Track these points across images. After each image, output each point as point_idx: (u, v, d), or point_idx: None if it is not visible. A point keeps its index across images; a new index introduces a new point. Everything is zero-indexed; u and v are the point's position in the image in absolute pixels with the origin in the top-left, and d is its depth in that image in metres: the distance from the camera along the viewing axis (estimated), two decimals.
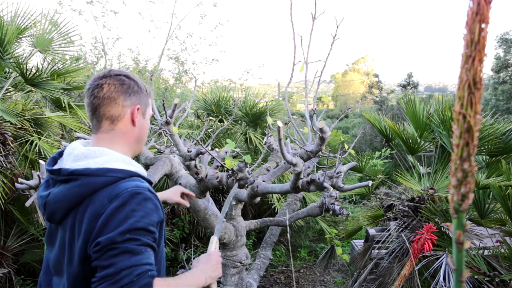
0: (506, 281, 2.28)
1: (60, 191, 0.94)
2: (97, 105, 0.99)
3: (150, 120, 1.20)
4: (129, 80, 1.03)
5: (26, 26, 3.10)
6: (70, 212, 0.93)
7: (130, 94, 1.02)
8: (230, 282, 2.45)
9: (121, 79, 1.01)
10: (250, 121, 4.44)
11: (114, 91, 0.99)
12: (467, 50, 0.33)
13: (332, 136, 10.46)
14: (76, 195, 0.91)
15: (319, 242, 5.15)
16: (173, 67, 7.97)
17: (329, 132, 1.94)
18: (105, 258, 0.84)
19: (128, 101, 1.01)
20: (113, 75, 1.01)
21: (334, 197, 2.04)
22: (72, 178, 0.93)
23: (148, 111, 1.10)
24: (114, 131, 1.01)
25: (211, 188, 1.99)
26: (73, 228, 0.92)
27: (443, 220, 2.71)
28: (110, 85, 0.99)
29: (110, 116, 1.00)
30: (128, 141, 1.04)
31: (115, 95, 0.99)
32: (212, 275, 1.05)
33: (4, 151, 2.59)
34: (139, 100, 1.04)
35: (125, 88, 1.01)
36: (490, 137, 2.84)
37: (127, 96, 1.01)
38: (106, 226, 0.86)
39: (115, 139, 1.02)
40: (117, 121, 1.01)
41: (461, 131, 0.34)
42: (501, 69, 13.14)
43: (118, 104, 1.00)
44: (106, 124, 1.01)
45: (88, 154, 0.96)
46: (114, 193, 0.89)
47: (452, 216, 0.35)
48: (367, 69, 36.70)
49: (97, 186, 0.91)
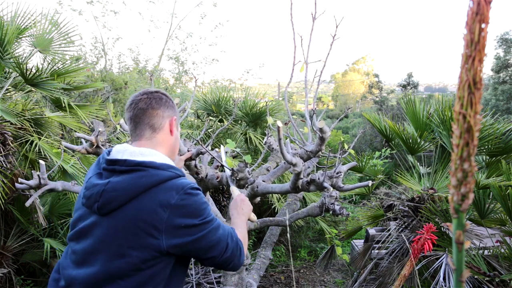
0: (506, 281, 2.28)
1: (123, 180, 1.00)
2: (141, 115, 1.11)
3: None
4: (165, 96, 1.16)
5: (26, 26, 3.10)
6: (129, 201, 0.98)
7: (167, 107, 1.15)
8: (230, 282, 2.45)
9: (159, 95, 1.15)
10: (250, 121, 4.44)
11: (155, 103, 1.12)
12: (467, 50, 0.33)
13: (332, 136, 10.46)
14: (143, 185, 0.98)
15: (319, 242, 5.15)
16: (173, 67, 7.99)
17: (329, 132, 1.94)
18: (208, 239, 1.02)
19: (166, 112, 1.14)
20: (152, 92, 1.15)
21: (334, 197, 2.04)
22: (138, 169, 1.01)
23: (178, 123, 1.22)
24: (155, 139, 1.12)
25: (211, 188, 1.99)
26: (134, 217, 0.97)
27: (443, 220, 2.71)
28: (151, 99, 1.12)
29: (152, 125, 1.11)
30: (166, 149, 1.15)
31: (157, 107, 1.12)
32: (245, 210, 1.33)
33: (4, 151, 2.59)
34: (174, 112, 1.18)
35: (164, 102, 1.14)
36: (490, 137, 2.84)
37: (166, 108, 1.14)
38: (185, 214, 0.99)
39: (156, 146, 1.11)
40: (159, 130, 1.12)
41: (461, 131, 0.34)
42: (501, 69, 13.14)
43: (159, 115, 1.12)
44: (148, 133, 1.11)
45: (143, 152, 1.05)
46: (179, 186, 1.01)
47: (452, 216, 0.35)
48: (367, 69, 36.70)
49: (163, 179, 1.01)
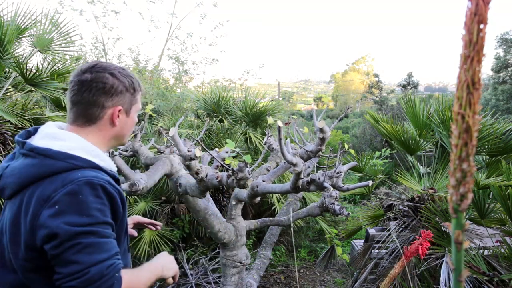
0: (506, 281, 2.28)
1: (18, 166, 0.91)
2: (76, 102, 0.97)
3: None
4: (113, 79, 0.98)
5: (26, 26, 3.10)
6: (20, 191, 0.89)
7: (112, 95, 0.98)
8: (230, 282, 2.45)
9: (104, 77, 0.97)
10: (250, 121, 4.44)
11: (95, 93, 0.96)
12: (465, 51, 0.33)
13: (332, 136, 10.47)
14: (31, 175, 0.88)
15: (319, 242, 5.15)
16: (173, 67, 7.97)
17: (329, 132, 1.94)
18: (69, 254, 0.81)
19: (109, 102, 0.98)
20: (95, 72, 0.97)
21: (334, 197, 2.04)
22: (31, 155, 0.90)
23: (134, 108, 1.07)
24: (89, 128, 1.00)
25: (211, 188, 2.00)
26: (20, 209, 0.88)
27: (443, 220, 2.71)
28: (91, 84, 0.96)
29: (87, 115, 0.98)
30: (103, 137, 1.02)
31: (96, 98, 0.96)
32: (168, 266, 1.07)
33: (4, 151, 2.59)
34: (123, 100, 1.01)
35: (108, 89, 0.97)
36: (490, 137, 2.84)
37: (109, 97, 0.98)
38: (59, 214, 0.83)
39: (89, 133, 0.99)
40: (95, 120, 0.99)
41: (460, 131, 0.34)
42: (501, 69, 13.14)
43: (97, 106, 0.97)
44: (81, 121, 0.99)
45: (56, 136, 0.94)
46: (69, 179, 0.86)
47: (451, 216, 0.36)
48: (367, 69, 36.72)
49: (55, 170, 0.87)
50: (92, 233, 0.84)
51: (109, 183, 0.92)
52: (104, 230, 0.87)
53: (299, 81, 61.10)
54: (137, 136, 2.31)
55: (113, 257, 0.86)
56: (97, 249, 0.83)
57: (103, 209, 0.87)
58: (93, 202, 0.86)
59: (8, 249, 0.91)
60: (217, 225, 2.31)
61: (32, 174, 0.88)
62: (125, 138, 1.09)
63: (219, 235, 2.33)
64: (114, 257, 0.86)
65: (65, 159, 0.89)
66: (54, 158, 0.89)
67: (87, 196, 0.85)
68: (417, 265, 2.79)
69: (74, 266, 0.81)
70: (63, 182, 0.86)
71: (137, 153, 2.35)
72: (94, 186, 0.87)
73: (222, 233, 2.33)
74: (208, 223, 2.30)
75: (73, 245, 0.81)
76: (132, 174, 1.92)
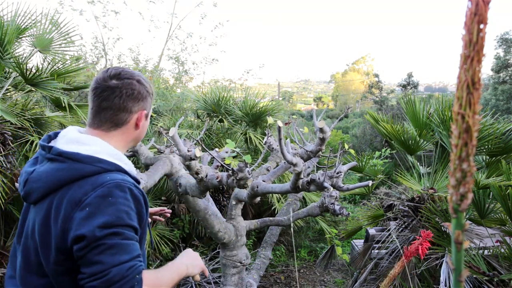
0: (506, 281, 2.28)
1: (45, 170, 0.92)
2: (105, 108, 0.99)
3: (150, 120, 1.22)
4: (139, 85, 1.02)
5: (26, 26, 3.10)
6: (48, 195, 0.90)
7: (139, 100, 1.02)
8: (230, 282, 2.45)
9: (132, 84, 1.01)
10: (250, 121, 4.44)
11: (125, 99, 0.99)
12: (465, 51, 0.33)
13: (332, 136, 10.47)
14: (60, 178, 0.89)
15: (319, 242, 5.15)
16: (173, 67, 7.97)
17: (329, 132, 1.94)
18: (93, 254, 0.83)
19: (136, 107, 1.02)
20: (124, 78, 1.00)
21: (334, 197, 2.04)
22: (60, 159, 0.92)
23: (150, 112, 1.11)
24: (114, 132, 1.02)
25: (211, 188, 2.00)
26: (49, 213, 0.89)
27: (443, 220, 2.71)
28: (122, 91, 0.99)
29: (115, 120, 1.01)
30: (126, 140, 1.06)
31: (126, 104, 1.00)
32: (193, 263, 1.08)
33: (4, 151, 2.59)
34: (146, 104, 1.06)
35: (136, 95, 1.01)
36: (490, 137, 2.84)
37: (136, 102, 1.02)
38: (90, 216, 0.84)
39: (113, 137, 1.02)
40: (121, 125, 1.02)
41: (460, 131, 0.34)
42: (501, 69, 13.14)
43: (126, 110, 1.01)
44: (107, 126, 1.01)
45: (80, 140, 0.95)
46: (99, 182, 0.88)
47: (451, 216, 0.36)
48: (367, 69, 36.72)
49: (84, 174, 0.90)
50: (116, 234, 0.85)
51: (135, 185, 0.94)
52: (128, 232, 0.88)
53: (299, 81, 61.13)
54: None
55: (135, 259, 0.87)
56: (120, 250, 0.85)
57: (129, 212, 0.89)
58: (121, 204, 0.88)
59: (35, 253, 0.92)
60: (217, 225, 2.31)
61: (61, 178, 0.89)
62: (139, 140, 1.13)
63: (219, 235, 2.33)
64: (136, 259, 0.88)
65: (93, 162, 0.91)
66: (83, 162, 0.91)
67: (116, 198, 0.87)
68: (417, 265, 2.79)
69: (96, 267, 0.82)
70: (93, 185, 0.88)
71: (137, 153, 2.35)
72: (123, 189, 0.89)
73: (222, 233, 2.33)
74: (208, 223, 2.30)
75: (98, 246, 0.83)
76: None
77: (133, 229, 0.90)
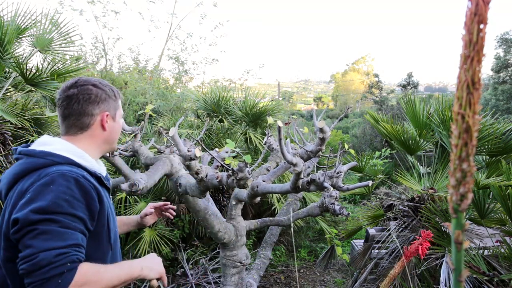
0: (506, 281, 2.28)
1: (9, 169, 1.02)
2: (67, 115, 1.07)
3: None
4: (96, 89, 1.09)
5: (26, 26, 3.10)
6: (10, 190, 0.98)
7: (98, 103, 1.09)
8: (230, 282, 2.45)
9: (88, 89, 1.07)
10: (250, 121, 4.44)
11: (83, 104, 1.06)
12: (465, 51, 0.33)
13: (332, 136, 10.47)
14: (16, 172, 0.97)
15: (319, 242, 5.15)
16: (173, 67, 7.96)
17: (329, 132, 1.94)
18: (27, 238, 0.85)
19: (97, 109, 1.09)
20: (80, 86, 1.07)
21: (334, 197, 2.04)
22: (20, 157, 1.01)
23: (118, 113, 1.17)
24: (81, 136, 1.09)
25: (211, 188, 1.99)
26: (7, 205, 0.97)
27: (443, 220, 2.71)
28: (79, 96, 1.06)
29: (78, 125, 1.08)
30: (96, 142, 1.12)
31: (84, 108, 1.07)
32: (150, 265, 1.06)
33: (4, 151, 2.59)
34: (108, 106, 1.12)
35: (93, 98, 1.08)
36: (490, 137, 2.84)
37: (96, 105, 1.08)
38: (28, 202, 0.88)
39: (81, 140, 1.09)
40: (87, 128, 1.09)
41: (460, 131, 0.34)
42: (501, 69, 13.14)
43: (87, 115, 1.08)
44: (74, 131, 1.08)
45: (46, 142, 1.03)
46: (45, 172, 0.94)
47: (451, 216, 0.36)
48: (367, 69, 36.72)
49: (35, 166, 0.96)
50: (52, 221, 0.87)
51: (83, 177, 0.97)
52: (67, 221, 0.89)
53: (299, 81, 61.15)
54: (137, 136, 2.31)
55: (70, 247, 0.87)
56: (54, 236, 0.85)
57: (71, 201, 0.91)
58: (61, 192, 0.90)
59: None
60: (217, 225, 2.31)
61: (17, 172, 0.98)
62: (115, 143, 1.20)
63: (219, 235, 2.33)
64: (71, 247, 0.87)
65: (45, 156, 0.98)
66: (36, 157, 0.98)
67: (57, 186, 0.90)
68: (417, 265, 2.79)
69: (27, 250, 0.84)
70: (39, 175, 0.93)
71: (137, 153, 2.35)
72: (66, 178, 0.92)
73: (222, 233, 2.33)
74: (208, 223, 2.30)
75: (31, 230, 0.85)
76: (132, 174, 1.92)
77: (77, 218, 0.91)
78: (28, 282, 0.82)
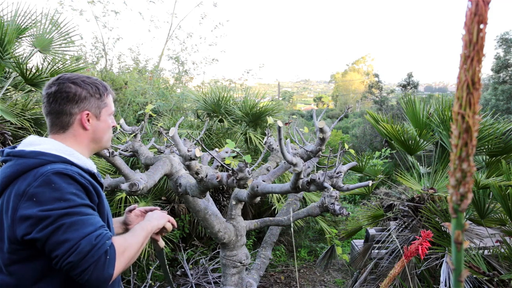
0: (506, 281, 2.28)
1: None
2: (47, 113, 1.07)
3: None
4: (75, 87, 1.06)
5: (26, 26, 3.10)
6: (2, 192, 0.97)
7: (77, 102, 1.06)
8: (230, 282, 2.45)
9: (67, 87, 1.05)
10: (250, 121, 4.44)
11: (61, 102, 1.05)
12: (465, 51, 0.33)
13: (332, 136, 10.47)
14: (8, 175, 0.96)
15: (319, 242, 5.15)
16: (173, 67, 7.94)
17: (329, 132, 1.94)
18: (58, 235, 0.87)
19: (75, 109, 1.06)
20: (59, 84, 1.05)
21: (334, 197, 2.04)
22: (8, 159, 1.00)
23: (105, 111, 1.13)
24: (65, 134, 1.08)
25: (211, 188, 1.99)
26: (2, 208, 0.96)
27: (443, 220, 2.71)
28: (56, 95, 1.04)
29: (59, 124, 1.07)
30: (81, 142, 1.10)
31: (62, 106, 1.05)
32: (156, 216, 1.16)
33: None
34: (88, 105, 1.08)
35: (71, 97, 1.05)
36: (490, 137, 2.84)
37: (74, 104, 1.06)
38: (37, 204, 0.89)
39: (66, 139, 1.07)
40: (67, 127, 1.07)
41: (460, 131, 0.34)
42: (501, 69, 13.13)
43: (65, 114, 1.05)
44: (56, 129, 1.07)
45: (33, 142, 1.02)
46: (40, 172, 0.93)
47: (451, 216, 0.36)
48: (367, 69, 36.74)
49: (28, 167, 0.95)
50: (73, 214, 0.90)
51: (78, 174, 0.98)
52: (85, 210, 0.93)
53: (299, 81, 61.11)
54: (137, 136, 2.31)
55: (99, 228, 0.92)
56: (82, 225, 0.89)
57: (78, 193, 0.94)
58: (66, 188, 0.92)
59: None
60: (217, 225, 2.31)
61: (8, 174, 0.96)
62: (104, 141, 1.16)
63: (219, 235, 2.33)
64: (100, 228, 0.93)
65: (36, 156, 0.97)
66: (26, 157, 0.97)
67: (59, 183, 0.92)
68: (417, 265, 2.79)
69: (65, 244, 0.86)
70: (35, 176, 0.93)
71: (137, 153, 2.35)
72: (63, 175, 0.94)
73: (222, 233, 2.33)
74: (208, 223, 2.30)
75: (58, 227, 0.87)
76: (132, 174, 1.92)
77: (89, 207, 0.95)
78: (79, 272, 0.86)
